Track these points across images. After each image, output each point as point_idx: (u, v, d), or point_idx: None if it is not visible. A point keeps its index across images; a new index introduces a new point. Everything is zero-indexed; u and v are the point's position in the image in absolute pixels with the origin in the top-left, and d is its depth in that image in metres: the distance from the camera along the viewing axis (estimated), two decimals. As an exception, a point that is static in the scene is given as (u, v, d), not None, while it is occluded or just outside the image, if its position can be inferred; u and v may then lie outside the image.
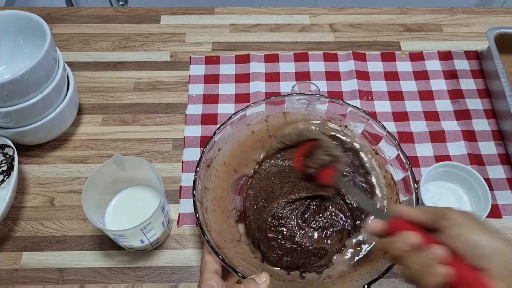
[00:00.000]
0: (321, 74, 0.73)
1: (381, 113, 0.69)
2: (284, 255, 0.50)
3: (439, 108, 0.70)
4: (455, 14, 0.82)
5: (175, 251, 0.57)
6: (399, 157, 0.53)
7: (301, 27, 0.80)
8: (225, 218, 0.54)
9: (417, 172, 0.63)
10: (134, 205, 0.56)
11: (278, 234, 0.51)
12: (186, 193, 0.61)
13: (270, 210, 0.52)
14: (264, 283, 0.44)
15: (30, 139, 0.62)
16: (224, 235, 0.53)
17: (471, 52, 0.76)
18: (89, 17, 0.80)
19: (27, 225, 0.59)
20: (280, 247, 0.51)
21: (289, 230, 0.51)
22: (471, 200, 0.59)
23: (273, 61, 0.75)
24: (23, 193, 0.61)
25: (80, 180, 0.62)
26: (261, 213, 0.53)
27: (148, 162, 0.52)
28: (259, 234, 0.52)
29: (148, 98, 0.71)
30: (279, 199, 0.53)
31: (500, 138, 0.67)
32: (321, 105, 0.59)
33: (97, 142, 0.66)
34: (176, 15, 0.81)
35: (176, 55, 0.76)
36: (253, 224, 0.53)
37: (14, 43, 0.62)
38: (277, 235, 0.51)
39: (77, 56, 0.75)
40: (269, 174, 0.57)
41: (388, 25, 0.80)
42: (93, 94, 0.71)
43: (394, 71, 0.74)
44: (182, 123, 0.68)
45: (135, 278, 0.55)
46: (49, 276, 0.55)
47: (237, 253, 0.52)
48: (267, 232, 0.51)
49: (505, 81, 0.65)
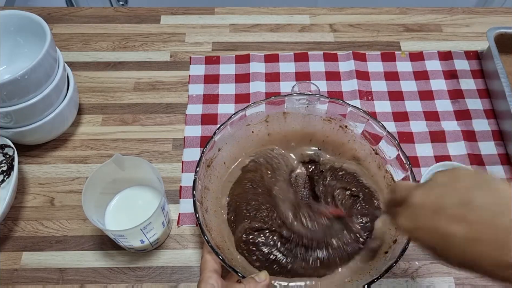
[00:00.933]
0: (321, 74, 0.73)
1: (381, 113, 0.69)
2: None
3: (439, 108, 0.70)
4: (455, 14, 0.82)
5: (175, 251, 0.57)
6: (399, 157, 0.53)
7: (301, 27, 0.80)
8: (225, 218, 0.54)
9: (417, 172, 0.63)
10: (134, 205, 0.56)
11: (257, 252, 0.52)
12: (186, 193, 0.61)
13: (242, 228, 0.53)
14: (264, 282, 0.44)
15: (30, 139, 0.62)
16: (224, 235, 0.53)
17: (471, 52, 0.76)
18: (89, 17, 0.80)
19: (27, 225, 0.59)
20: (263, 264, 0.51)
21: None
22: (471, 200, 0.58)
23: (273, 61, 0.75)
24: (23, 193, 0.61)
25: (80, 180, 0.62)
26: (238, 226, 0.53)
27: (148, 162, 0.52)
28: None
29: (148, 98, 0.71)
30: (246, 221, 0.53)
31: (500, 138, 0.67)
32: (321, 105, 0.59)
33: (97, 142, 0.66)
34: (176, 15, 0.81)
35: (176, 55, 0.76)
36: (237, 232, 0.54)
37: (14, 43, 0.62)
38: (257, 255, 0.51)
39: (77, 56, 0.75)
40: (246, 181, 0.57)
41: (388, 25, 0.80)
42: (93, 94, 0.71)
43: (394, 71, 0.74)
44: (182, 123, 0.68)
45: (135, 278, 0.55)
46: (49, 276, 0.55)
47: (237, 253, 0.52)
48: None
49: (505, 81, 0.65)
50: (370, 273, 0.48)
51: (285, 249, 0.51)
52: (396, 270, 0.56)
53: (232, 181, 0.57)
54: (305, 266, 0.50)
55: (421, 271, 0.56)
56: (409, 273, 0.56)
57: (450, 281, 0.55)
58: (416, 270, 0.56)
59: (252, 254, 0.51)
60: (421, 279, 0.55)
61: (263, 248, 0.51)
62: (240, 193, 0.56)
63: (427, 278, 0.55)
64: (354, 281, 0.49)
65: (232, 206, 0.55)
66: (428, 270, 0.56)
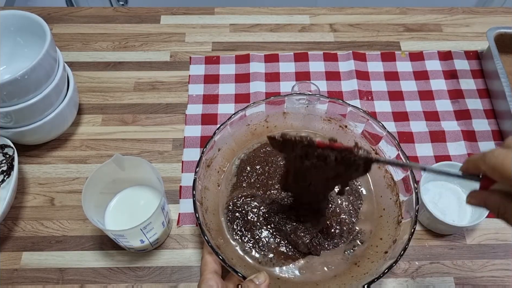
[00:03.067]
0: (321, 74, 0.73)
1: (381, 113, 0.69)
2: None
3: (439, 108, 0.70)
4: (455, 14, 0.82)
5: (175, 251, 0.57)
6: (399, 157, 0.53)
7: (301, 27, 0.80)
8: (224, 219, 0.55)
9: (417, 172, 0.63)
10: (134, 205, 0.56)
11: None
12: (186, 193, 0.61)
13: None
14: (263, 283, 0.44)
15: (30, 139, 0.62)
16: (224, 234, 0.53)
17: (471, 52, 0.76)
18: (89, 17, 0.80)
19: (27, 225, 0.59)
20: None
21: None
22: (471, 200, 0.59)
23: (273, 61, 0.75)
24: (23, 193, 0.61)
25: (80, 180, 0.62)
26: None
27: (148, 162, 0.52)
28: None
29: (148, 98, 0.71)
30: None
31: (500, 138, 0.67)
32: (321, 105, 0.59)
33: (97, 142, 0.66)
34: (176, 15, 0.81)
35: (176, 55, 0.76)
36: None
37: (14, 43, 0.62)
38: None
39: (77, 56, 0.75)
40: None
41: (388, 25, 0.80)
42: (93, 94, 0.71)
43: (394, 71, 0.74)
44: (182, 123, 0.68)
45: (135, 278, 0.55)
46: (49, 276, 0.55)
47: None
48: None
49: (505, 81, 0.65)
50: (370, 273, 0.48)
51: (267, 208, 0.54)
52: (396, 270, 0.56)
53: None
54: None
55: (421, 271, 0.56)
56: (409, 273, 0.56)
57: (450, 281, 0.55)
58: (416, 270, 0.56)
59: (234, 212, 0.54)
60: (421, 279, 0.55)
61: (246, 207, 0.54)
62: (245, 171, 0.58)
63: (427, 278, 0.55)
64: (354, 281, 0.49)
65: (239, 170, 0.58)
66: (428, 270, 0.56)
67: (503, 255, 0.57)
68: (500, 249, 0.57)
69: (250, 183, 0.57)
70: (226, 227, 0.54)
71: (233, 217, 0.54)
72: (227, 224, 0.54)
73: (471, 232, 0.59)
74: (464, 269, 0.56)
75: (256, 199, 0.55)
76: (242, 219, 0.54)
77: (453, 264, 0.56)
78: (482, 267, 0.56)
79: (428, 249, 0.57)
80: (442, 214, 0.56)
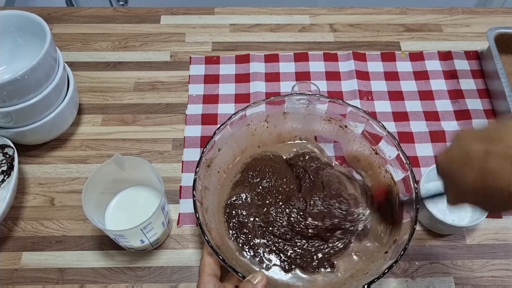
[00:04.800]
0: (321, 74, 0.73)
1: (381, 113, 0.69)
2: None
3: (439, 108, 0.70)
4: (455, 14, 0.82)
5: (175, 251, 0.57)
6: (399, 157, 0.53)
7: (301, 27, 0.80)
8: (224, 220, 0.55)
9: (417, 172, 0.63)
10: (134, 205, 0.56)
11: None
12: (186, 193, 0.61)
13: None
14: (260, 282, 0.43)
15: (30, 139, 0.62)
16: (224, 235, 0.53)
17: (471, 52, 0.76)
18: (89, 17, 0.80)
19: (27, 225, 0.59)
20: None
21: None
22: (471, 200, 0.59)
23: (273, 61, 0.75)
24: (23, 193, 0.61)
25: (80, 180, 0.62)
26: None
27: (148, 162, 0.52)
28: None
29: (148, 98, 0.71)
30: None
31: (500, 138, 0.67)
32: (321, 105, 0.59)
33: (97, 142, 0.66)
34: (176, 15, 0.81)
35: (176, 55, 0.76)
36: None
37: (14, 43, 0.62)
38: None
39: (77, 56, 0.75)
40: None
41: (388, 25, 0.80)
42: (93, 94, 0.71)
43: (394, 71, 0.74)
44: (182, 123, 0.68)
45: (135, 278, 0.55)
46: (49, 276, 0.55)
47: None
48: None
49: (505, 81, 0.65)
50: (370, 273, 0.48)
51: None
52: (396, 270, 0.56)
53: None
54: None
55: (421, 271, 0.56)
56: (409, 273, 0.56)
57: (450, 281, 0.55)
58: (416, 270, 0.56)
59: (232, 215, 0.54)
60: (421, 279, 0.55)
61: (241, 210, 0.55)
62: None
63: (427, 278, 0.55)
64: (354, 281, 0.49)
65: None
66: (428, 270, 0.56)
67: (503, 255, 0.57)
68: (500, 249, 0.57)
69: (252, 184, 0.57)
70: (226, 227, 0.54)
71: (231, 216, 0.54)
72: (226, 224, 0.54)
73: (471, 232, 0.59)
74: (464, 269, 0.56)
75: (253, 207, 0.55)
76: (239, 220, 0.54)
77: (453, 264, 0.56)
78: (482, 267, 0.56)
79: (428, 249, 0.57)
80: (442, 214, 0.56)
